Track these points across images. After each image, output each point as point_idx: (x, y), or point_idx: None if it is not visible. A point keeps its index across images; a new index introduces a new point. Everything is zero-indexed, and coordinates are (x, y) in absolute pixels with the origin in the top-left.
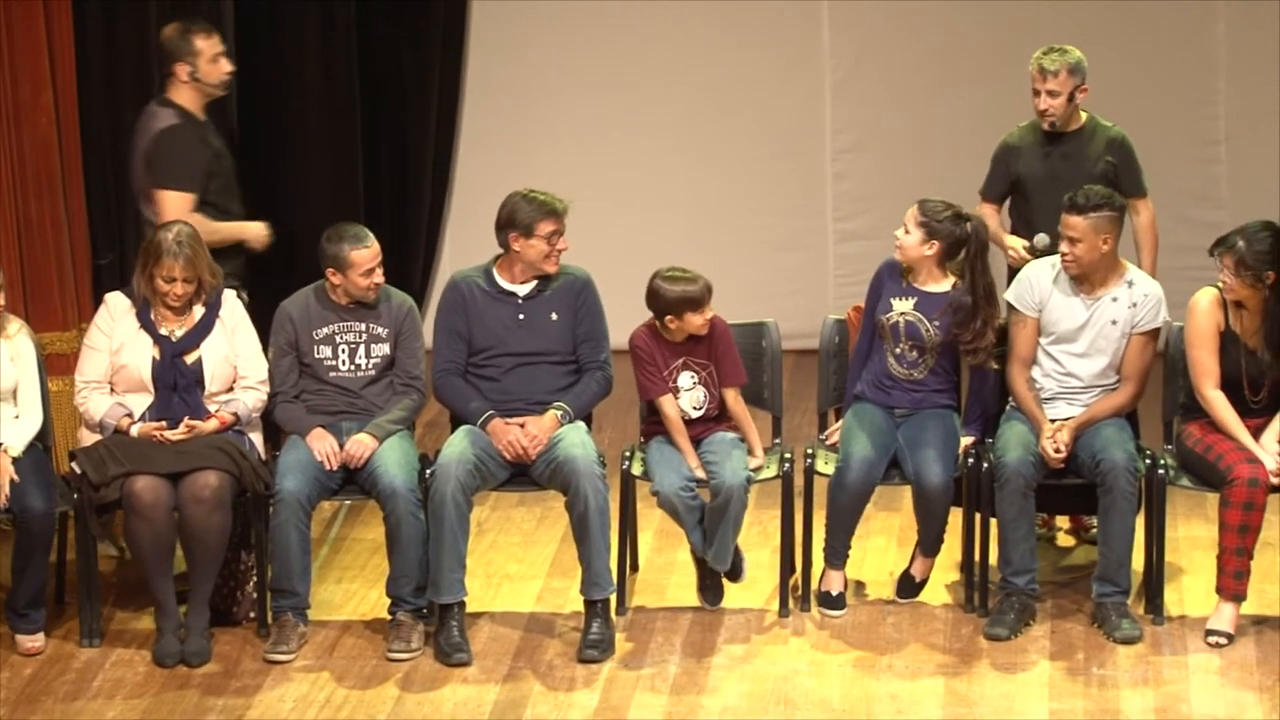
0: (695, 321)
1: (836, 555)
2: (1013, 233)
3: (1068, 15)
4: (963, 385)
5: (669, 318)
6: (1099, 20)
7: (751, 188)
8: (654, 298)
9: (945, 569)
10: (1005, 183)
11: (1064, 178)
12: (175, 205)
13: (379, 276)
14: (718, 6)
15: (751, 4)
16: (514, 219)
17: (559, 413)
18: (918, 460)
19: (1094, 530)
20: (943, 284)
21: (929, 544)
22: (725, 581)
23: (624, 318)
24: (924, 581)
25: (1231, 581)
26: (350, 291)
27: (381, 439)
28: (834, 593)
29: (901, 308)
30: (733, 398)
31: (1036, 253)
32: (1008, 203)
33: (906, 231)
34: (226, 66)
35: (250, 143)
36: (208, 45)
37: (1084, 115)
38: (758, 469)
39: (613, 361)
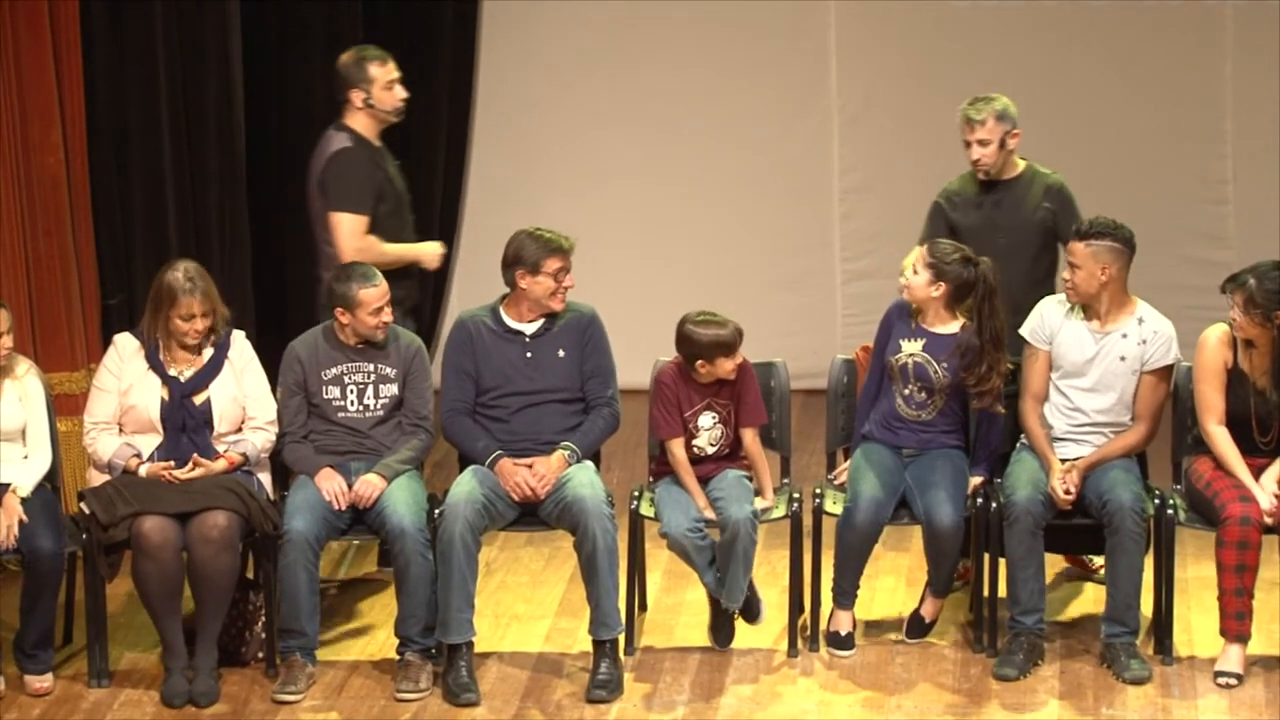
0: (726, 366)
1: (845, 595)
2: None
3: (1074, 57)
4: (971, 426)
5: (700, 362)
6: (1107, 62)
7: (760, 227)
8: (685, 342)
9: (954, 609)
10: (944, 233)
11: (1002, 226)
12: (349, 228)
13: (388, 315)
14: (725, 48)
15: (759, 46)
16: (520, 256)
17: (566, 452)
18: (928, 501)
19: (1100, 570)
20: (951, 326)
21: (940, 585)
22: (742, 622)
23: (634, 358)
24: (933, 622)
25: (1234, 623)
26: (359, 330)
27: (390, 479)
28: (842, 633)
29: (910, 349)
30: (750, 438)
31: None
32: None
33: (915, 272)
34: (400, 94)
35: (257, 180)
36: (382, 73)
37: (1021, 163)
38: (766, 510)
39: (620, 399)
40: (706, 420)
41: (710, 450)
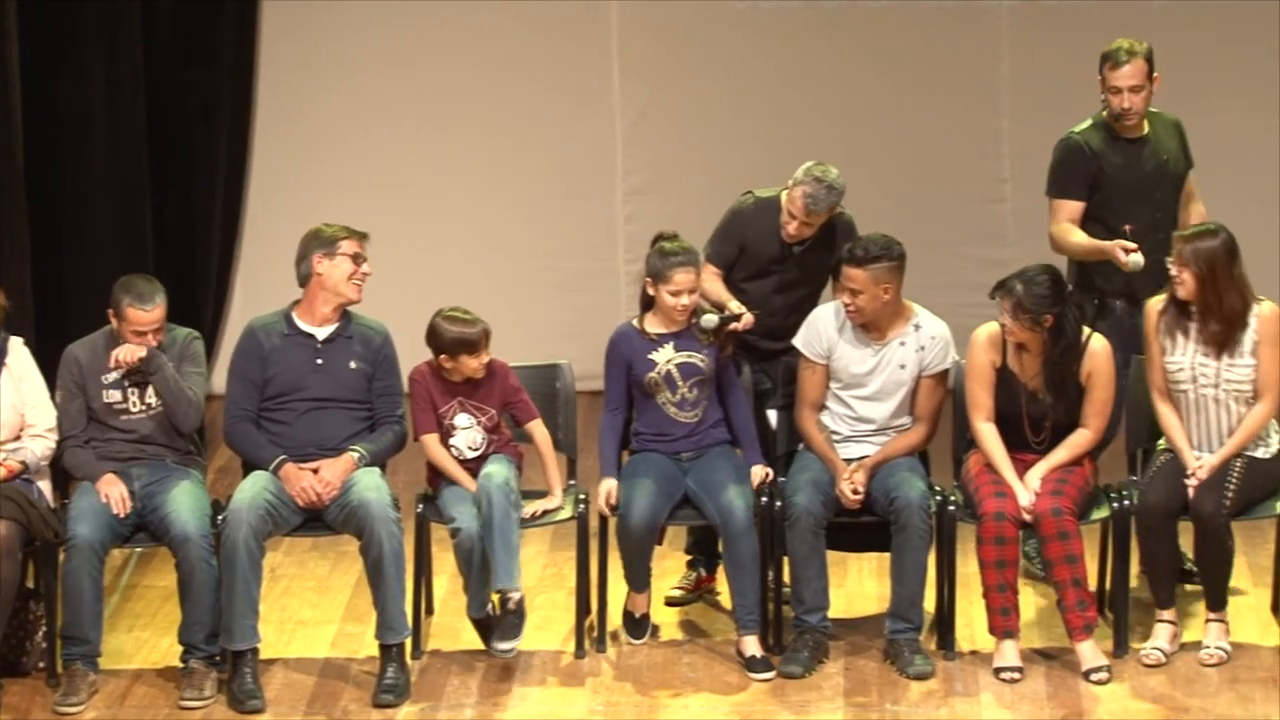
0: (470, 364)
1: (636, 581)
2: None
3: (852, 57)
4: (731, 419)
5: (444, 357)
6: (884, 62)
7: (543, 229)
8: (432, 336)
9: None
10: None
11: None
12: (1062, 213)
13: (150, 341)
14: (509, 48)
15: (541, 46)
16: (316, 238)
17: (356, 455)
18: (722, 503)
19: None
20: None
21: (748, 611)
22: (519, 625)
23: (414, 360)
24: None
25: (1000, 619)
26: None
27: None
28: (637, 614)
29: (665, 356)
30: (534, 430)
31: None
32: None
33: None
34: (1122, 103)
35: (36, 187)
36: (1107, 75)
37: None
38: (553, 510)
39: (408, 415)
40: (463, 420)
41: (470, 454)
